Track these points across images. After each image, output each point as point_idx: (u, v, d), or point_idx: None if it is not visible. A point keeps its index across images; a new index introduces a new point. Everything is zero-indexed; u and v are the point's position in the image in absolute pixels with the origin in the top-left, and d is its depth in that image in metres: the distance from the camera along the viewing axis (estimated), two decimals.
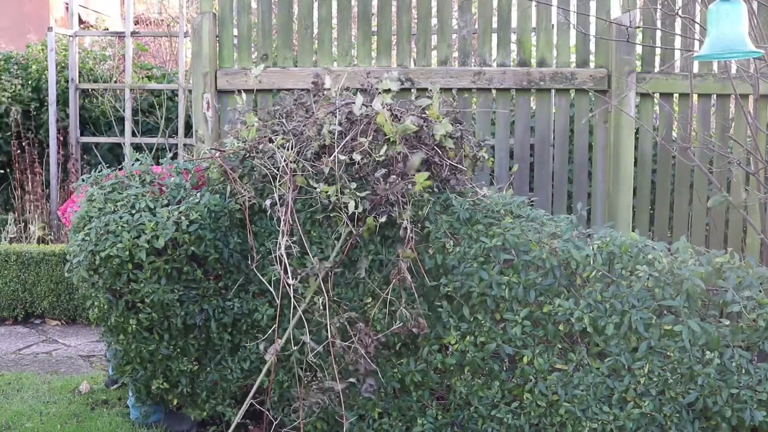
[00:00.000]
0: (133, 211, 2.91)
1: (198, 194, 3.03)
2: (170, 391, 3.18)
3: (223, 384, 3.11)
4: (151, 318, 2.93)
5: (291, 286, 2.80)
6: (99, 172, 3.23)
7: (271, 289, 2.93)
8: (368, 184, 2.84)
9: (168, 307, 2.94)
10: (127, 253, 2.80)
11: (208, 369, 3.11)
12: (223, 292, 3.06)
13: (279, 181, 2.88)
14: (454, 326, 2.77)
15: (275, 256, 2.87)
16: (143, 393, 3.22)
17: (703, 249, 2.77)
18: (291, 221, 2.83)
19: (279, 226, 2.86)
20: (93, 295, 2.99)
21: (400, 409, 2.91)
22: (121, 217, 2.87)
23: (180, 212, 2.90)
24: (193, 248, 2.90)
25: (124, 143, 6.14)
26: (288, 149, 2.92)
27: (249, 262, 3.05)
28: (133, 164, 3.27)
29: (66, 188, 6.05)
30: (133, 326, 2.94)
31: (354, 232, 2.82)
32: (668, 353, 2.53)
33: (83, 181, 3.24)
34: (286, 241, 2.80)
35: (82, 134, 6.32)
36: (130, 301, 2.93)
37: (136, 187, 3.05)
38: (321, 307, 2.84)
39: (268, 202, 2.89)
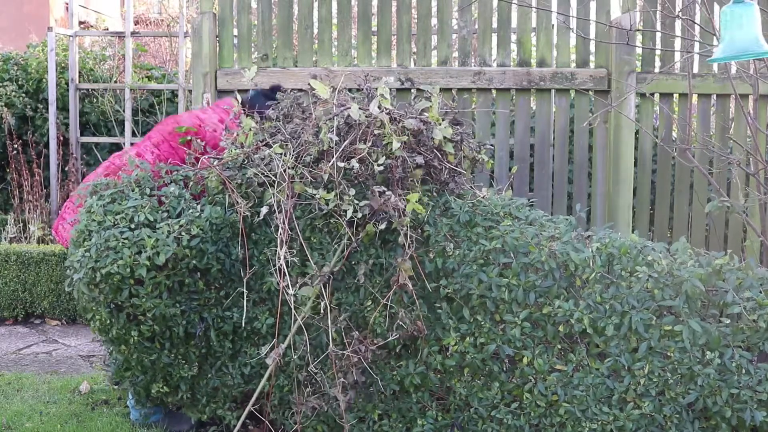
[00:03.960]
0: (133, 226, 2.86)
1: (199, 206, 2.98)
2: (170, 395, 3.18)
3: (224, 389, 3.11)
4: (152, 330, 2.91)
5: (290, 296, 2.78)
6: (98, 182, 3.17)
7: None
8: (368, 189, 2.82)
9: (170, 319, 2.92)
10: (128, 269, 2.77)
11: (209, 375, 3.11)
12: (224, 301, 3.03)
13: (277, 188, 2.85)
14: (454, 327, 2.77)
15: (276, 267, 2.83)
16: (143, 396, 3.22)
17: (703, 250, 2.77)
18: (289, 230, 2.80)
19: (277, 234, 2.83)
20: (94, 308, 2.95)
21: (400, 410, 2.91)
22: (121, 233, 2.82)
23: (181, 226, 2.86)
24: (194, 262, 2.87)
25: (124, 143, 6.14)
26: (286, 155, 2.88)
27: (248, 271, 3.02)
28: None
29: (66, 188, 6.05)
30: (135, 337, 2.92)
31: (353, 239, 2.80)
32: (668, 354, 2.53)
33: (80, 192, 3.18)
34: (285, 250, 2.78)
35: (82, 134, 6.32)
36: (131, 313, 2.90)
37: (135, 199, 2.98)
38: (321, 312, 2.82)
39: (264, 210, 2.86)
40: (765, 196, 3.35)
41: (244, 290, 2.98)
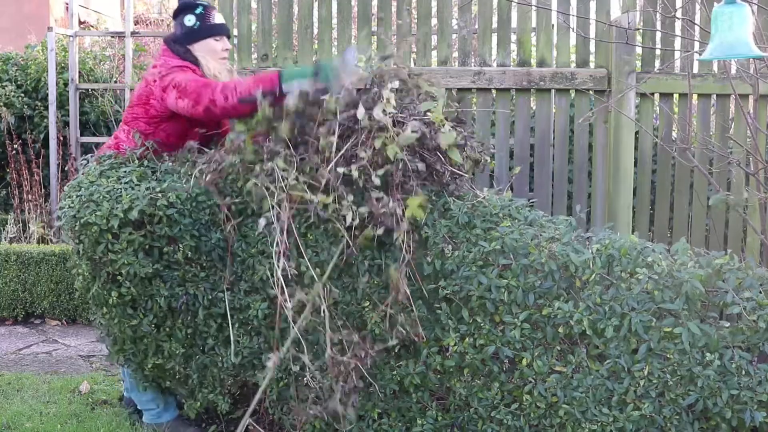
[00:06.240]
0: (117, 184, 2.99)
1: (185, 180, 3.05)
2: (165, 375, 3.20)
3: (213, 370, 3.11)
4: (131, 292, 2.98)
5: (290, 311, 2.76)
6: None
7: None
8: (368, 192, 2.80)
9: (149, 284, 2.99)
10: (105, 221, 2.88)
11: (198, 355, 3.13)
12: (210, 281, 3.06)
13: (275, 198, 2.82)
14: (453, 328, 2.77)
15: (274, 279, 2.82)
16: (139, 375, 3.27)
17: (703, 250, 2.76)
18: (287, 242, 2.79)
19: (274, 248, 2.81)
20: (77, 263, 3.08)
21: (400, 409, 2.91)
22: (105, 188, 2.96)
23: (160, 190, 2.96)
24: (167, 229, 2.94)
25: None
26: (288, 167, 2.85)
27: (233, 262, 3.03)
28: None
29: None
30: (114, 298, 2.99)
31: (351, 243, 2.79)
32: (668, 355, 2.53)
33: (86, 161, 3.30)
34: (283, 263, 2.77)
35: (81, 134, 6.31)
36: (111, 272, 2.98)
37: (131, 166, 3.13)
38: (320, 313, 2.80)
39: (262, 222, 2.83)
40: (765, 195, 3.35)
41: (225, 287, 3.01)
